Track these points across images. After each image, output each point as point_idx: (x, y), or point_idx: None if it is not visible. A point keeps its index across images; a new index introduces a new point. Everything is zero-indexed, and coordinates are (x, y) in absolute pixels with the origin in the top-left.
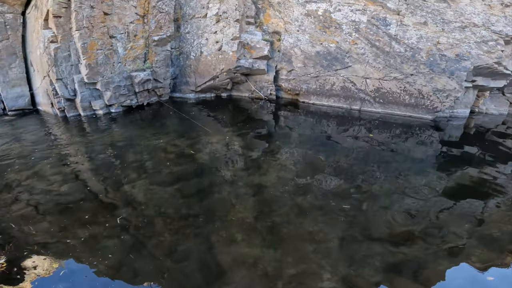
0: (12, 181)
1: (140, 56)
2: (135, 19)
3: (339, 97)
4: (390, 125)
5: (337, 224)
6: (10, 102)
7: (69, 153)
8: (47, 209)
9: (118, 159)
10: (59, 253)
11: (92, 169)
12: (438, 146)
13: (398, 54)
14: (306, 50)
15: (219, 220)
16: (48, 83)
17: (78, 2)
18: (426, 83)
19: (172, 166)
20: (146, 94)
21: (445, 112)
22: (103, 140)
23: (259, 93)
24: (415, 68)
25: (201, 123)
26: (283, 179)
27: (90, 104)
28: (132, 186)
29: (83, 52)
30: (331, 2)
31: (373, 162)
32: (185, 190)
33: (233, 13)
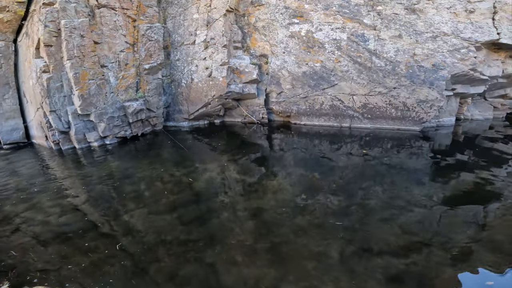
0: (10, 213)
1: (132, 85)
2: (125, 47)
3: (329, 115)
4: (381, 140)
5: (337, 240)
6: (5, 135)
7: (66, 186)
8: (47, 239)
9: (116, 190)
10: (61, 279)
11: (90, 200)
12: (429, 155)
13: (380, 69)
14: (293, 71)
15: (218, 244)
16: (42, 115)
17: (68, 31)
18: (409, 95)
19: (170, 194)
20: (140, 124)
21: (432, 122)
22: (99, 172)
23: (252, 117)
24: (397, 81)
25: (195, 152)
26: (280, 200)
27: (84, 136)
28: (131, 215)
29: (75, 82)
30: (312, 23)
31: (368, 177)
32: (183, 217)
33: (220, 39)
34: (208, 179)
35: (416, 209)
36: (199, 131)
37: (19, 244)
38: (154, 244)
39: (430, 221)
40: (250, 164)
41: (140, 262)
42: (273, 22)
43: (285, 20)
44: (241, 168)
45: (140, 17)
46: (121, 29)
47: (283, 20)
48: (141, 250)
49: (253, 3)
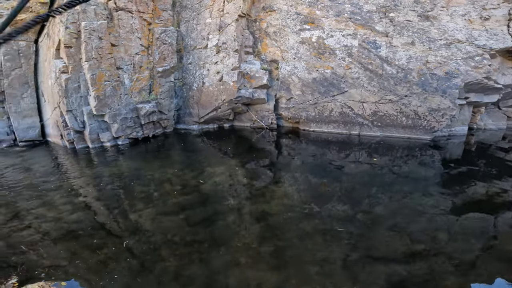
0: (23, 209)
1: (145, 87)
2: (140, 50)
3: (338, 123)
4: (390, 148)
5: (341, 246)
6: (21, 133)
7: (78, 184)
8: (57, 236)
9: (125, 190)
10: (68, 275)
11: (101, 199)
12: (439, 165)
13: (391, 76)
14: (303, 77)
15: (224, 246)
16: (59, 115)
17: (87, 33)
18: (421, 104)
19: (178, 196)
20: (151, 126)
21: (443, 131)
22: (110, 172)
23: (261, 122)
24: (408, 89)
25: (204, 155)
26: (286, 206)
27: (98, 136)
28: (139, 215)
29: (92, 83)
30: (324, 29)
31: (376, 185)
32: (190, 219)
33: (232, 43)
34: (216, 182)
35: (422, 218)
36: (209, 135)
37: (30, 239)
38: (160, 244)
39: (437, 230)
40: (258, 169)
41: (145, 261)
42: (284, 28)
43: (296, 26)
44: (249, 173)
45: (155, 21)
46: (137, 32)
47: (294, 26)
48: (147, 249)
49: (264, 8)
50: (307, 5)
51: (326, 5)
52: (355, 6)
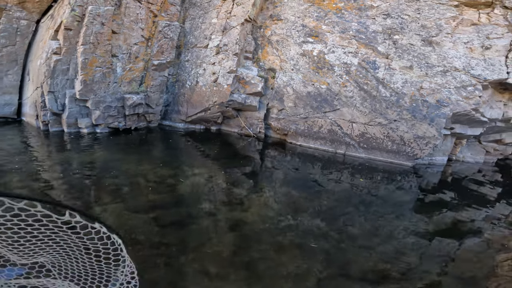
0: None
1: (137, 78)
2: (140, 41)
3: (326, 140)
4: (372, 170)
5: (316, 262)
6: None
7: (43, 168)
8: None
9: (94, 181)
10: None
11: (63, 187)
12: (416, 191)
13: (384, 99)
14: (298, 90)
15: (193, 251)
16: (39, 95)
17: (91, 18)
18: (408, 130)
19: (151, 194)
20: (135, 118)
21: (424, 159)
22: (81, 159)
23: (249, 130)
24: (398, 114)
25: (186, 155)
26: (264, 216)
27: (76, 121)
28: (104, 209)
29: (82, 67)
30: (326, 44)
31: (353, 205)
32: (161, 219)
33: (233, 46)
34: (194, 184)
35: (394, 239)
36: (194, 135)
37: None
38: (123, 242)
39: (406, 251)
40: (239, 176)
41: None
42: (288, 38)
43: (300, 37)
44: (230, 179)
45: (161, 14)
46: (141, 23)
47: (297, 38)
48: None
49: (272, 17)
50: (314, 19)
51: (333, 20)
52: (362, 25)
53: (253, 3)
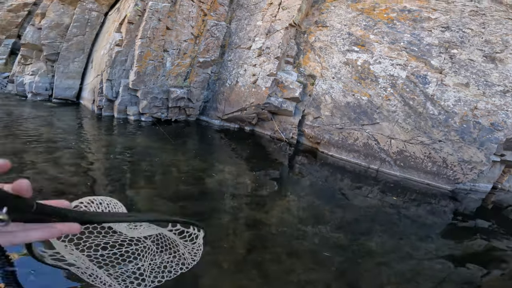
0: (28, 161)
1: (182, 73)
2: (189, 38)
3: (360, 153)
4: (406, 190)
5: (328, 272)
6: (59, 91)
7: (91, 149)
8: (46, 195)
9: (132, 165)
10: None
11: (106, 167)
12: (450, 216)
13: (431, 117)
14: (337, 99)
15: (210, 245)
16: (98, 82)
17: (150, 13)
18: (453, 152)
19: (181, 184)
20: (176, 110)
21: (466, 184)
22: (124, 144)
23: (281, 134)
24: (445, 134)
25: (218, 151)
26: (283, 220)
27: (125, 108)
28: (136, 192)
29: (138, 59)
30: (373, 54)
31: (379, 222)
32: (186, 209)
33: (275, 50)
34: (222, 179)
35: (413, 260)
36: (228, 133)
37: None
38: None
39: (424, 273)
40: (266, 178)
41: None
42: (332, 46)
43: (345, 46)
44: (257, 180)
45: (210, 13)
46: (192, 21)
47: (342, 46)
48: None
49: (317, 23)
50: (362, 28)
51: (383, 30)
52: (415, 36)
53: (299, 8)
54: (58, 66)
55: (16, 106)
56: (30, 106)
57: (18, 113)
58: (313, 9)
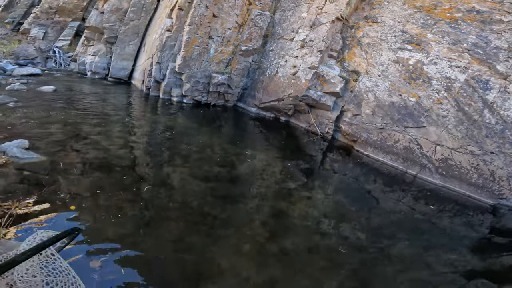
0: (83, 132)
1: (225, 60)
2: (233, 26)
3: (398, 156)
4: (443, 200)
5: (342, 271)
6: (114, 71)
7: (138, 124)
8: (96, 165)
9: (172, 143)
10: (82, 204)
11: (149, 144)
12: (485, 231)
13: (486, 126)
14: (381, 97)
15: (234, 228)
16: (149, 64)
17: (199, 0)
18: (504, 166)
19: (214, 166)
20: (216, 95)
21: (510, 200)
22: (166, 123)
23: (316, 128)
24: (498, 146)
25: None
26: (308, 214)
27: (170, 90)
28: (173, 170)
29: (185, 45)
30: (428, 54)
31: (405, 228)
32: (215, 191)
33: (319, 43)
34: (253, 166)
35: (433, 271)
36: (263, 121)
37: (71, 161)
38: (179, 203)
39: (441, 285)
40: (296, 170)
41: (157, 214)
42: (381, 42)
43: (397, 43)
44: (287, 170)
45: (255, 2)
46: (237, 9)
47: (394, 43)
48: (164, 203)
49: (367, 18)
50: (419, 26)
51: (444, 30)
52: (482, 39)
53: (348, 2)
54: (116, 48)
55: (77, 82)
56: (88, 83)
57: (79, 89)
58: (363, 4)
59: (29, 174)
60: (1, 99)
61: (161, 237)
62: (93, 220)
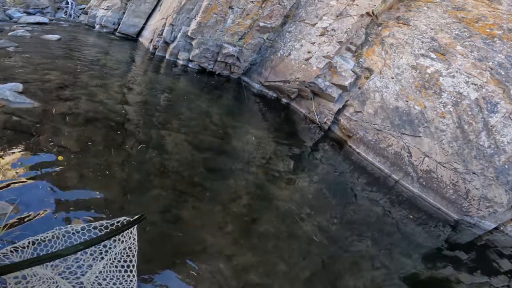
0: (82, 82)
1: (239, 33)
2: (257, 0)
3: (387, 160)
4: (414, 207)
5: (314, 259)
6: (124, 27)
7: (138, 81)
8: (91, 117)
9: (171, 106)
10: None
11: (147, 102)
12: (441, 241)
13: (478, 147)
14: (387, 100)
15: (221, 204)
16: (161, 24)
17: None
18: (480, 188)
19: (210, 135)
20: (223, 65)
21: (473, 218)
22: (168, 84)
23: (316, 116)
24: (482, 169)
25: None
26: (292, 200)
27: (177, 53)
28: (169, 133)
29: (204, 11)
30: (450, 65)
31: (374, 227)
32: (208, 162)
33: (341, 34)
34: (246, 142)
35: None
36: (264, 99)
37: (64, 112)
38: (169, 169)
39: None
40: (287, 154)
41: (146, 178)
42: (405, 46)
43: (421, 49)
44: (278, 152)
45: None
46: None
47: (418, 49)
48: (155, 166)
49: (399, 19)
50: (452, 36)
51: (476, 45)
52: (510, 59)
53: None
54: (131, 4)
55: (83, 34)
56: (95, 36)
57: (84, 40)
58: (399, 4)
59: (19, 120)
60: (1, 43)
61: (148, 207)
62: (79, 178)
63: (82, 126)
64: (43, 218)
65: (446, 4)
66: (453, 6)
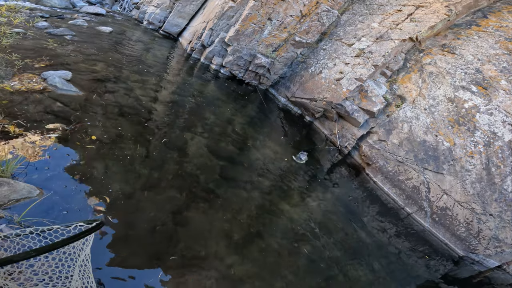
0: (122, 76)
1: (274, 45)
2: (296, 15)
3: (403, 192)
4: (422, 241)
5: (312, 280)
6: (167, 26)
7: (171, 81)
8: (126, 112)
9: (198, 109)
10: (99, 154)
11: (176, 102)
12: (440, 275)
13: (501, 191)
14: (415, 132)
15: (230, 213)
16: (202, 28)
17: None
18: (494, 229)
19: (230, 143)
20: (253, 75)
21: (478, 256)
22: (198, 87)
23: (337, 139)
24: (500, 212)
25: (273, 126)
26: (300, 218)
27: (212, 57)
28: (192, 136)
29: (243, 19)
30: (490, 101)
31: (377, 256)
32: (225, 170)
33: (378, 57)
34: (264, 155)
35: None
36: (288, 114)
37: (103, 104)
38: (188, 172)
39: None
40: (302, 172)
41: (164, 177)
42: (446, 76)
43: (462, 81)
44: (294, 169)
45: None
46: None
47: (460, 80)
48: (174, 169)
49: (444, 46)
50: (498, 69)
51: None
52: None
53: (432, 26)
54: (178, 5)
55: (131, 29)
56: (141, 31)
57: (131, 34)
58: (448, 31)
59: (61, 107)
60: (61, 31)
61: (162, 206)
62: (104, 169)
63: (115, 119)
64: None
65: (499, 34)
66: (507, 37)
